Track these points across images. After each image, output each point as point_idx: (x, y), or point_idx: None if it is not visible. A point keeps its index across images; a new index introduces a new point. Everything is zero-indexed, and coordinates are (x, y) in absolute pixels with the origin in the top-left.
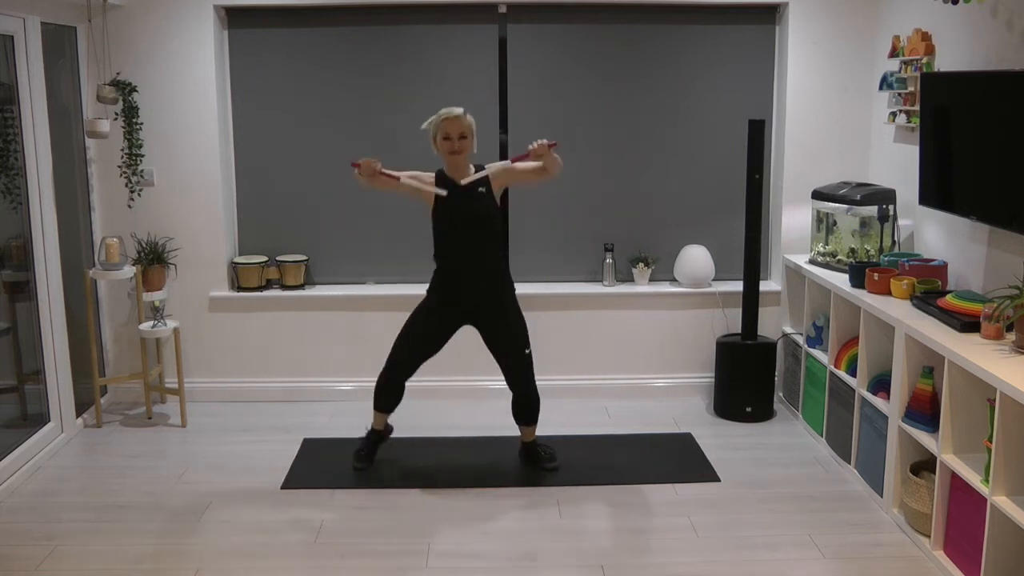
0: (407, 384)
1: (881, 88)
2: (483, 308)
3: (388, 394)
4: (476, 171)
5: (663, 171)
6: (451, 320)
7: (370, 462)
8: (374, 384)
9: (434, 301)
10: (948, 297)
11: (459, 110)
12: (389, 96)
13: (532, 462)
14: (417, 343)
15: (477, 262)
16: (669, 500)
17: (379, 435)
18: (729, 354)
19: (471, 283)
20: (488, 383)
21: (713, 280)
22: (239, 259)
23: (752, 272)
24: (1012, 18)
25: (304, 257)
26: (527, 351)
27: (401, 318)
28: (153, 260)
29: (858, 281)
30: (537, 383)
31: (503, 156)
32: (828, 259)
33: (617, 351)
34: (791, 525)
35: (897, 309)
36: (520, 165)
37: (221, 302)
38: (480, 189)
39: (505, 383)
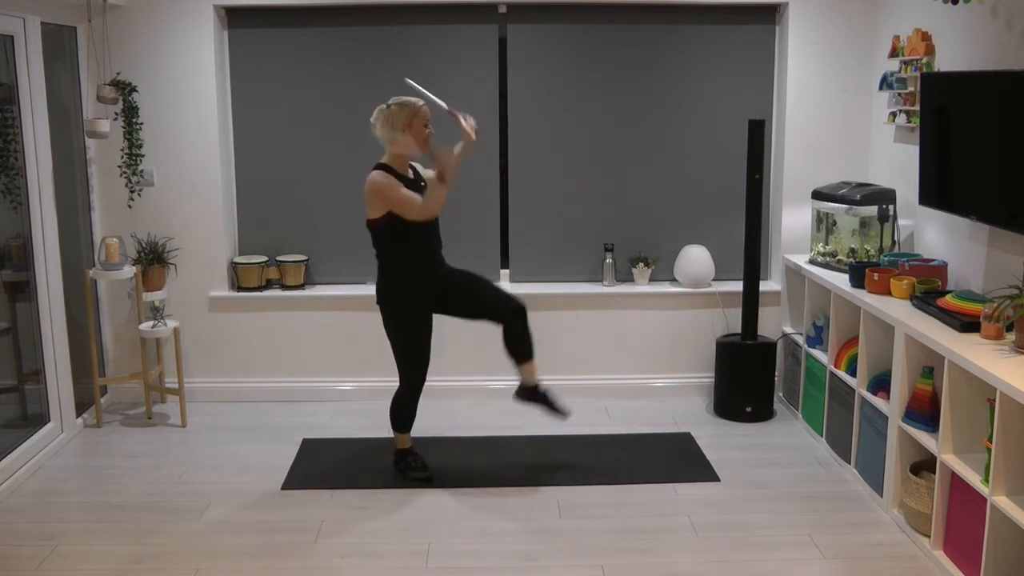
0: None
1: (881, 88)
2: (446, 282)
3: (412, 413)
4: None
5: (663, 171)
6: (431, 314)
7: (430, 470)
8: (397, 409)
9: (417, 306)
10: (948, 297)
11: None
12: (389, 96)
13: (542, 402)
14: (427, 353)
15: (438, 250)
16: (669, 500)
17: (411, 449)
18: (729, 354)
19: (439, 271)
20: (489, 383)
21: (713, 280)
22: (239, 259)
23: (752, 272)
24: (1012, 18)
25: (304, 257)
26: (491, 279)
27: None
28: (153, 260)
29: (858, 281)
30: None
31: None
32: (828, 259)
33: (617, 351)
34: (791, 525)
35: (897, 309)
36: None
37: (221, 302)
38: (421, 183)
39: (513, 381)
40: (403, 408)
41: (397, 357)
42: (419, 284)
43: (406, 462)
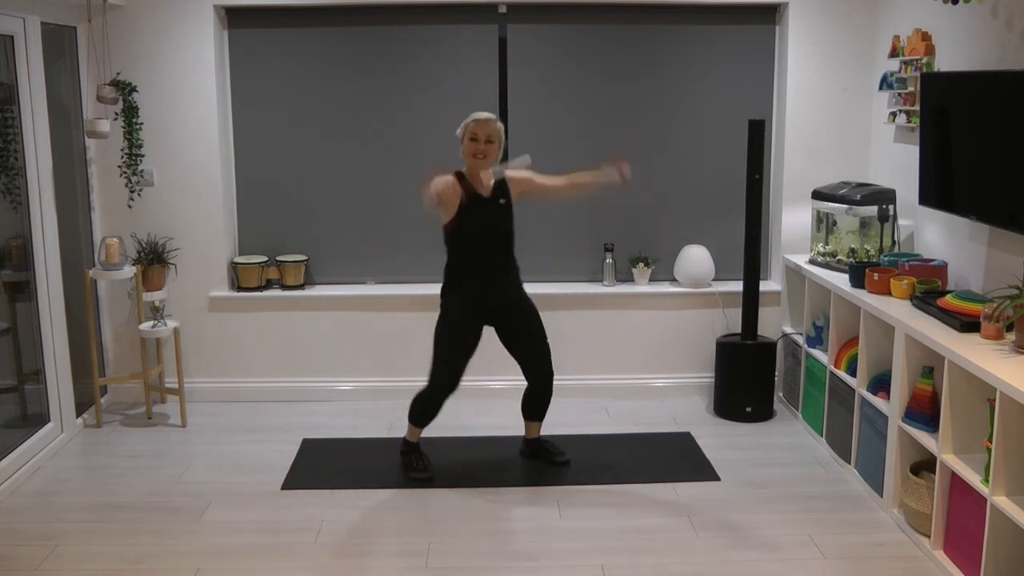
0: (411, 386)
1: (881, 88)
2: (507, 307)
3: (433, 414)
4: (496, 182)
5: (663, 171)
6: (480, 326)
7: (430, 467)
8: (417, 403)
9: (462, 313)
10: (948, 297)
11: (490, 115)
12: (389, 96)
13: (542, 457)
14: (459, 360)
15: (500, 267)
16: (669, 500)
17: (417, 445)
18: (729, 354)
19: (495, 289)
20: (490, 383)
21: (713, 280)
22: (239, 259)
23: (752, 272)
24: (1012, 18)
25: (304, 257)
26: (546, 341)
27: (401, 318)
28: (153, 260)
29: (858, 281)
30: None
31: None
32: (828, 259)
33: (617, 351)
34: (791, 525)
35: (897, 309)
36: (542, 180)
37: (221, 302)
38: (500, 200)
39: (515, 381)
40: (421, 405)
41: (432, 355)
42: (466, 295)
43: (410, 458)
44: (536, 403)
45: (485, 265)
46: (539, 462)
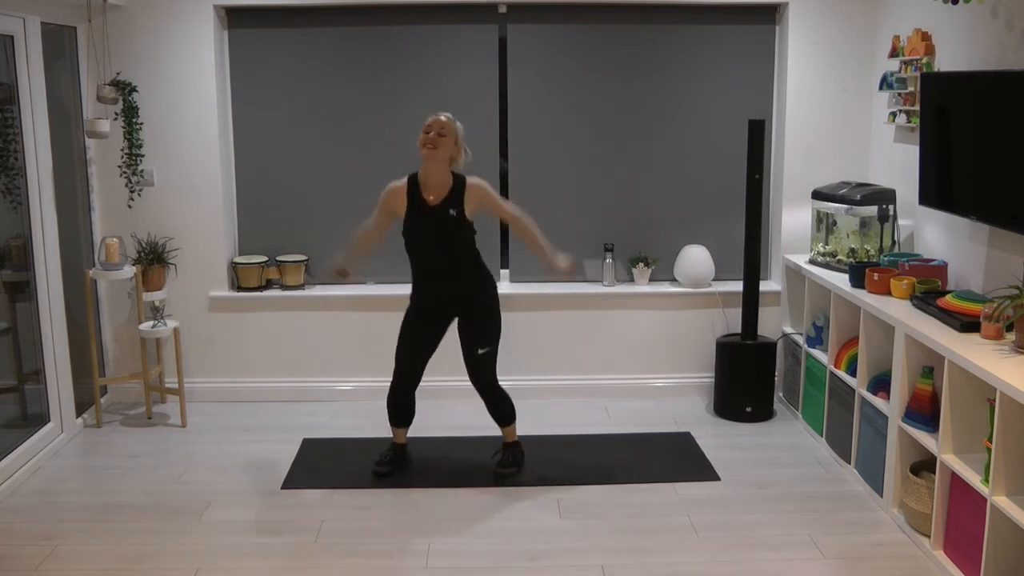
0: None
1: (881, 88)
2: (456, 306)
3: (400, 409)
4: (455, 182)
5: (663, 171)
6: (436, 319)
7: (392, 468)
8: (385, 399)
9: (412, 312)
10: (948, 297)
11: (447, 114)
12: (389, 96)
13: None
14: (411, 350)
15: (446, 272)
16: (669, 500)
17: (401, 448)
18: (729, 354)
19: (441, 288)
20: None
21: (713, 280)
22: (239, 259)
23: (752, 272)
24: (1012, 18)
25: (304, 257)
26: (481, 351)
27: (401, 318)
28: (153, 260)
29: (858, 281)
30: (528, 383)
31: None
32: (828, 259)
33: (617, 351)
34: (791, 525)
35: (897, 309)
36: (501, 204)
37: (221, 302)
38: (450, 211)
39: (513, 381)
40: (387, 402)
41: None
42: (415, 294)
43: (382, 453)
44: (489, 409)
45: (429, 269)
46: (536, 462)
